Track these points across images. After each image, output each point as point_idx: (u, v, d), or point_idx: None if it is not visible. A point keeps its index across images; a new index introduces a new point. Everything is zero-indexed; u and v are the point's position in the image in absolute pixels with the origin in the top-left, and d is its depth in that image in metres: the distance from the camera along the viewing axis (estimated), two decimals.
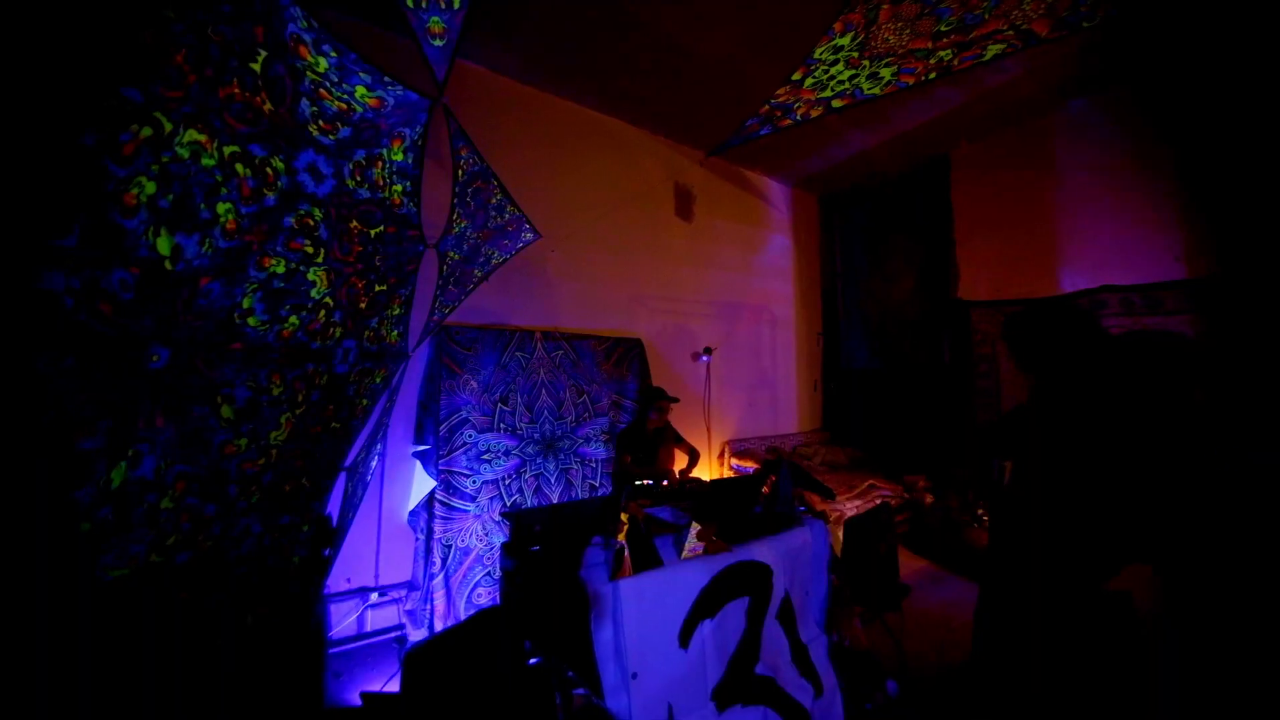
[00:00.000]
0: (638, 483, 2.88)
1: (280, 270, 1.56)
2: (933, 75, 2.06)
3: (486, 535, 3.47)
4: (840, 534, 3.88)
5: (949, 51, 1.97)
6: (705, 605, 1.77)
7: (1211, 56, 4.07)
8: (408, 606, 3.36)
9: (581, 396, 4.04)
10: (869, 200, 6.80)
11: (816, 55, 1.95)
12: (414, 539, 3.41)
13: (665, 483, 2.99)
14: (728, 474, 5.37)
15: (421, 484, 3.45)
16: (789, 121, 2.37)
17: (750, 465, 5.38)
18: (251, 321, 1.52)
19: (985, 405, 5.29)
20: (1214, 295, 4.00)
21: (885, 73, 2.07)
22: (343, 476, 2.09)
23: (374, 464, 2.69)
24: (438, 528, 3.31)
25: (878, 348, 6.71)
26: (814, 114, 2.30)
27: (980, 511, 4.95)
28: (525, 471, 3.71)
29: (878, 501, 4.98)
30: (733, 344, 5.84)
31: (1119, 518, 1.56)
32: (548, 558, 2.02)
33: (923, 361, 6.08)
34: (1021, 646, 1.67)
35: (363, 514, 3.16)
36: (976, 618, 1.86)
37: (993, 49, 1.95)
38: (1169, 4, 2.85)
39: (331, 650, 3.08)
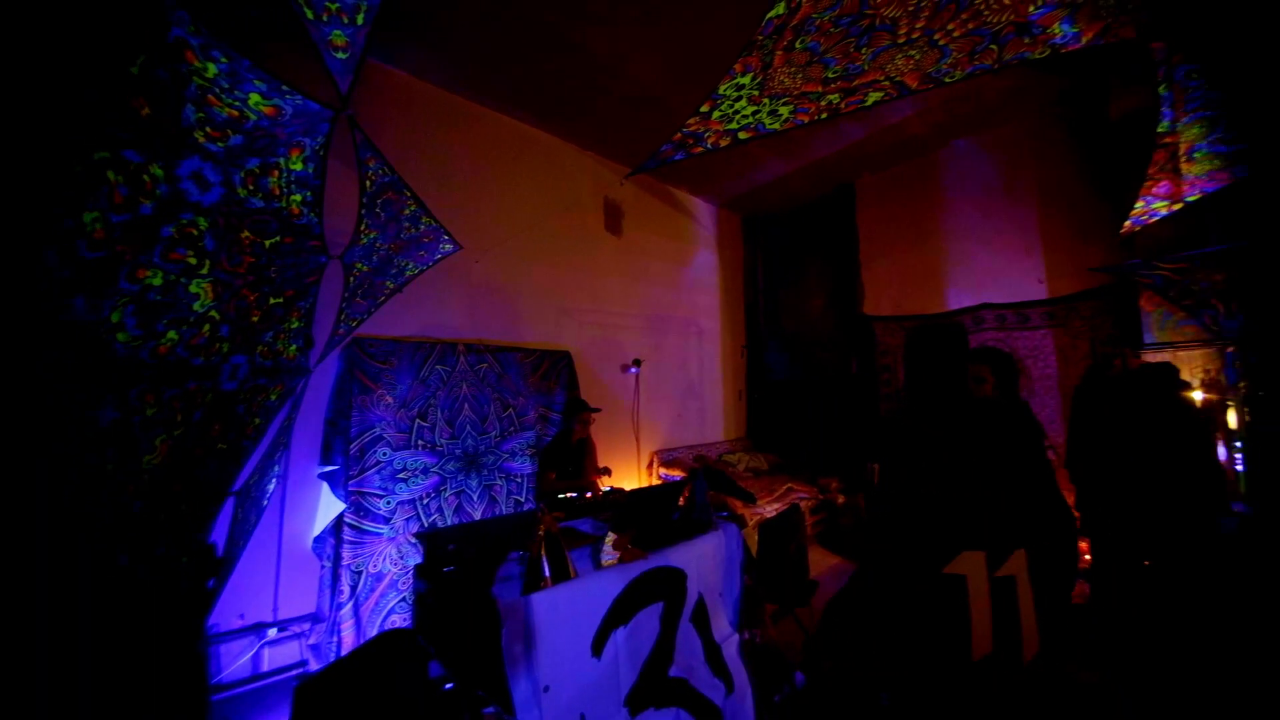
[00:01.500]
0: (560, 496, 2.89)
1: (157, 282, 1.45)
2: (824, 115, 2.28)
3: (401, 559, 3.32)
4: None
5: (837, 95, 2.18)
6: (619, 613, 1.81)
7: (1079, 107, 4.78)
8: (312, 640, 3.13)
9: (507, 410, 3.98)
10: (788, 222, 7.27)
11: (721, 91, 2.10)
12: (319, 567, 3.19)
13: (589, 495, 3.01)
14: (656, 484, 5.47)
15: (329, 507, 3.24)
16: (701, 149, 2.51)
17: (678, 474, 5.51)
18: (121, 337, 1.40)
19: (888, 411, 5.78)
20: (1068, 313, 4.67)
21: (784, 110, 2.26)
22: (231, 501, 1.94)
23: (271, 487, 2.51)
24: (346, 553, 3.12)
25: (796, 359, 7.13)
26: (722, 144, 2.45)
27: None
28: (445, 490, 3.58)
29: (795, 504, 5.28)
30: (661, 356, 5.99)
31: (960, 509, 1.81)
32: (461, 577, 1.98)
33: (834, 372, 6.54)
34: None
35: (259, 543, 2.93)
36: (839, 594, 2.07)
37: (873, 95, 2.19)
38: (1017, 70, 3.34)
39: (221, 695, 2.81)
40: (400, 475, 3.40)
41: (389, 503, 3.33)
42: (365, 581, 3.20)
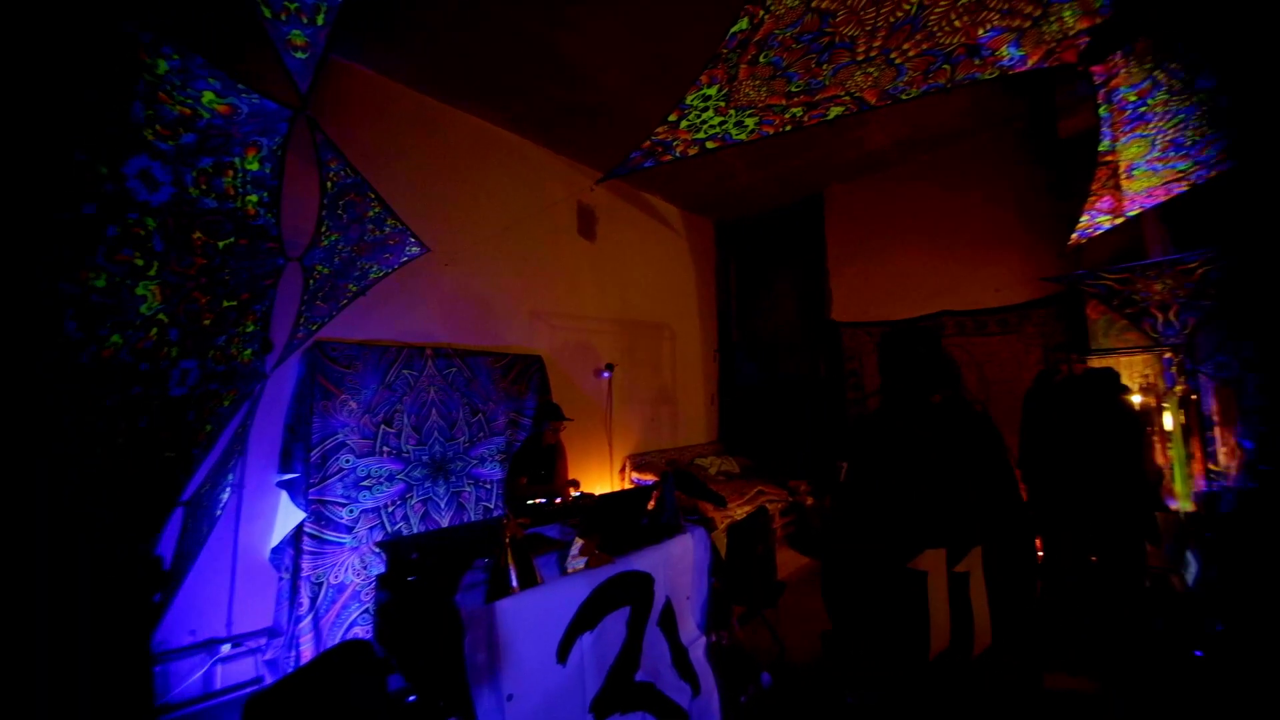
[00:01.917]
0: (530, 502, 2.86)
1: (100, 284, 1.39)
2: (788, 128, 2.34)
3: (365, 569, 3.23)
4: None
5: (800, 108, 2.25)
6: (585, 618, 1.81)
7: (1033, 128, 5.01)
8: (268, 656, 3.02)
9: (476, 415, 3.93)
10: (759, 228, 7.40)
11: (688, 101, 2.13)
12: (277, 579, 3.08)
13: (559, 501, 3.00)
14: (625, 488, 5.48)
15: (288, 517, 3.14)
16: (670, 157, 2.54)
17: (650, 479, 5.53)
18: (60, 341, 1.34)
19: (855, 415, 5.93)
20: (1022, 320, 4.89)
21: (749, 122, 2.31)
22: (180, 512, 1.86)
23: (225, 497, 2.41)
24: (306, 564, 3.02)
25: (766, 364, 7.25)
26: (691, 152, 2.49)
27: None
28: (411, 497, 3.51)
29: (766, 508, 5.36)
30: (635, 360, 6.01)
31: (928, 508, 1.87)
32: (424, 586, 1.95)
33: (804, 376, 6.68)
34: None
35: (212, 554, 2.82)
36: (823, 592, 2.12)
37: (834, 109, 2.26)
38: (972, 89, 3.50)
39: (170, 716, 2.68)
40: (364, 483, 3.31)
41: (352, 511, 3.24)
42: (326, 593, 3.10)
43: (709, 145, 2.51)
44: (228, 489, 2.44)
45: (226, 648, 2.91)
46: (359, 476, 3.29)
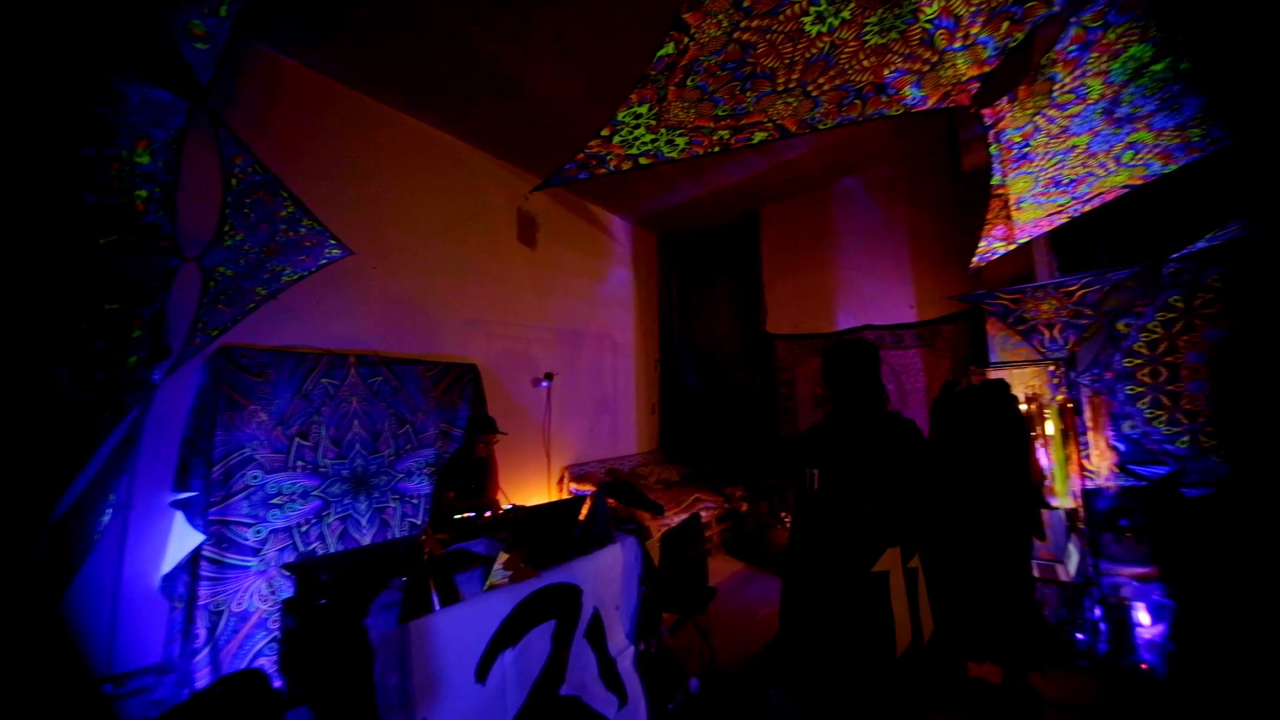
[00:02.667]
0: (457, 517, 2.77)
1: None
2: (716, 149, 2.43)
3: (273, 594, 2.99)
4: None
5: (727, 131, 2.35)
6: (507, 635, 1.77)
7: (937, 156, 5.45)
8: (157, 696, 2.72)
9: (404, 427, 3.76)
10: (700, 242, 7.60)
11: (620, 118, 2.17)
12: (169, 609, 2.79)
13: (488, 514, 2.92)
14: (558, 499, 5.42)
15: (184, 540, 2.86)
16: (604, 170, 2.58)
17: (590, 489, 5.50)
18: None
19: (786, 423, 6.18)
20: (934, 335, 5.30)
21: (680, 141, 2.39)
22: (44, 538, 1.65)
23: (105, 519, 2.17)
24: (204, 591, 2.76)
25: (706, 374, 7.43)
26: (624, 166, 2.54)
27: (783, 515, 5.72)
28: (329, 515, 3.29)
29: (702, 514, 5.46)
30: (575, 370, 5.97)
31: (889, 511, 1.99)
32: (334, 610, 1.83)
33: (740, 386, 6.90)
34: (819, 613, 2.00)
35: (89, 584, 2.52)
36: (783, 600, 2.17)
37: (759, 134, 2.38)
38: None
39: None
40: (274, 500, 3.08)
41: (259, 532, 3.00)
42: (227, 622, 2.84)
43: (642, 161, 2.57)
44: (108, 510, 2.19)
45: (108, 689, 2.60)
46: (268, 494, 3.06)
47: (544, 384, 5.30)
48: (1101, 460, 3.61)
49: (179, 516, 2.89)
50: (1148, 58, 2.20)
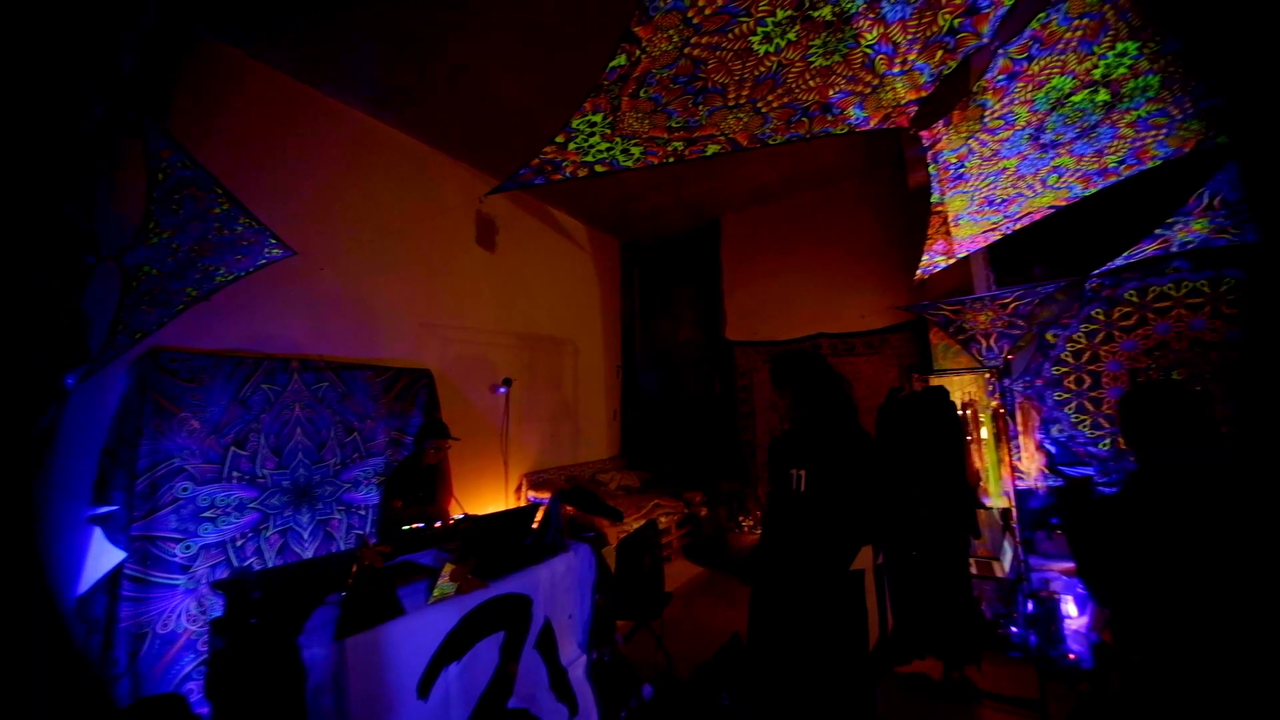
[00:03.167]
0: (406, 527, 2.68)
1: None
2: (671, 160, 2.47)
3: (204, 613, 2.81)
4: None
5: (680, 143, 2.39)
6: (451, 648, 1.73)
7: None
8: None
9: (351, 434, 3.61)
10: (663, 249, 7.68)
11: (574, 126, 2.18)
12: (83, 634, 2.57)
13: (439, 524, 2.83)
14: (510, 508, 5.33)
15: (102, 558, 2.65)
16: (560, 176, 2.57)
17: (548, 496, 5.43)
18: None
19: (745, 428, 6.30)
20: (882, 343, 5.53)
21: (635, 151, 2.41)
22: None
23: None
24: (125, 613, 2.56)
25: (668, 380, 7.49)
26: (580, 174, 2.54)
27: (741, 519, 5.81)
28: (267, 528, 3.12)
29: (662, 520, 5.48)
30: (535, 375, 5.90)
31: (862, 512, 2.05)
32: (266, 628, 1.74)
33: (700, 392, 6.99)
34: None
35: None
36: (757, 600, 2.19)
37: (712, 147, 2.43)
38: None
39: None
40: (206, 514, 2.90)
41: (189, 547, 2.81)
42: (151, 645, 2.65)
43: (598, 169, 2.58)
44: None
45: None
46: (200, 507, 2.87)
47: (502, 389, 5.21)
48: (1031, 462, 3.86)
49: (97, 533, 2.68)
50: (1068, 89, 2.38)
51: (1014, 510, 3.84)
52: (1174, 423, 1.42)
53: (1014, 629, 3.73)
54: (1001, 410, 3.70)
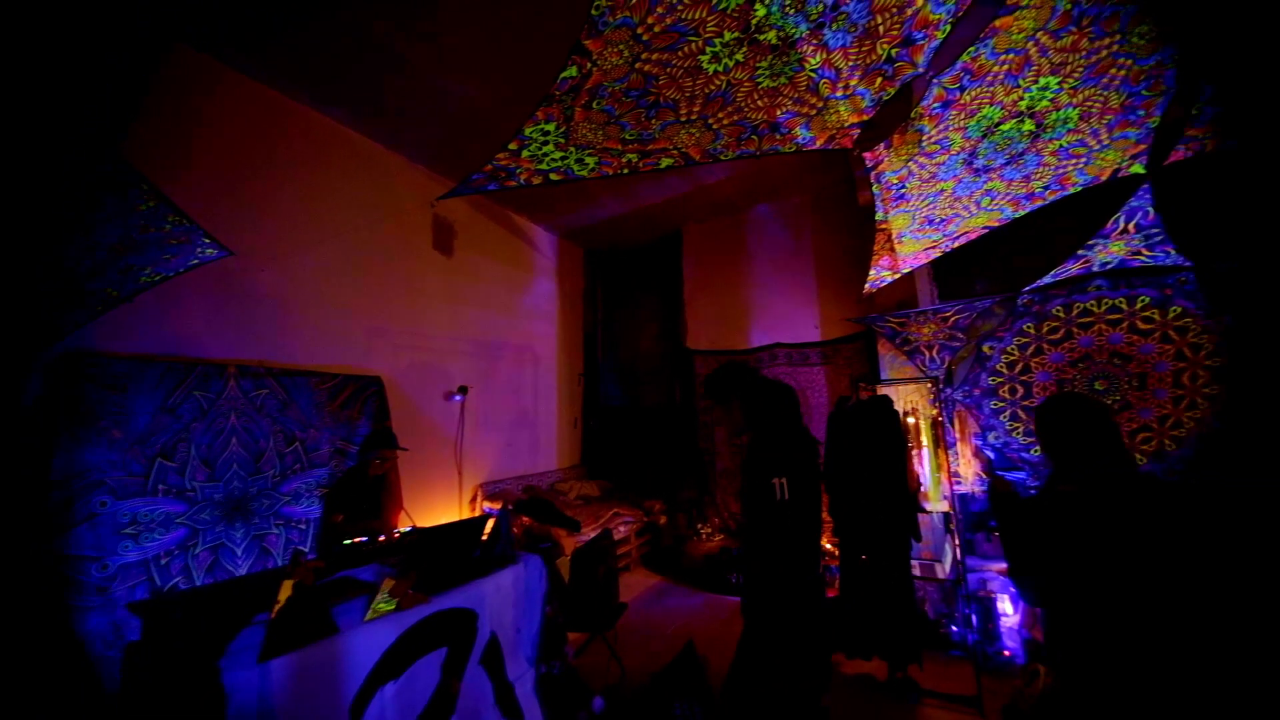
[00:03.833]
0: (347, 541, 2.57)
1: None
2: (626, 171, 2.50)
3: (120, 638, 2.61)
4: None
5: (635, 155, 2.42)
6: (388, 667, 1.67)
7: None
8: None
9: (292, 445, 3.44)
10: (626, 258, 7.72)
11: (527, 134, 2.17)
12: None
13: (383, 538, 2.73)
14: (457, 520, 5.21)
15: None
16: (514, 183, 2.56)
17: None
18: None
19: (705, 436, 6.37)
20: (835, 353, 5.72)
21: (590, 160, 2.43)
22: None
23: None
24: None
25: (628, 388, 7.50)
26: (535, 181, 2.54)
27: (699, 526, 5.85)
28: (196, 544, 2.93)
29: (621, 529, 5.46)
30: (492, 383, 5.80)
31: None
32: (186, 652, 1.63)
33: (662, 401, 7.03)
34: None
35: None
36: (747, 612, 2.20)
37: (665, 160, 2.47)
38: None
39: None
40: (127, 530, 2.70)
41: (105, 567, 2.61)
42: None
43: (553, 177, 2.58)
44: None
45: None
46: (120, 522, 2.68)
47: (457, 398, 5.09)
48: (968, 467, 4.06)
49: None
50: (997, 118, 2.55)
51: (954, 514, 4.03)
52: (1079, 434, 1.53)
53: (954, 628, 3.89)
54: (940, 419, 3.88)
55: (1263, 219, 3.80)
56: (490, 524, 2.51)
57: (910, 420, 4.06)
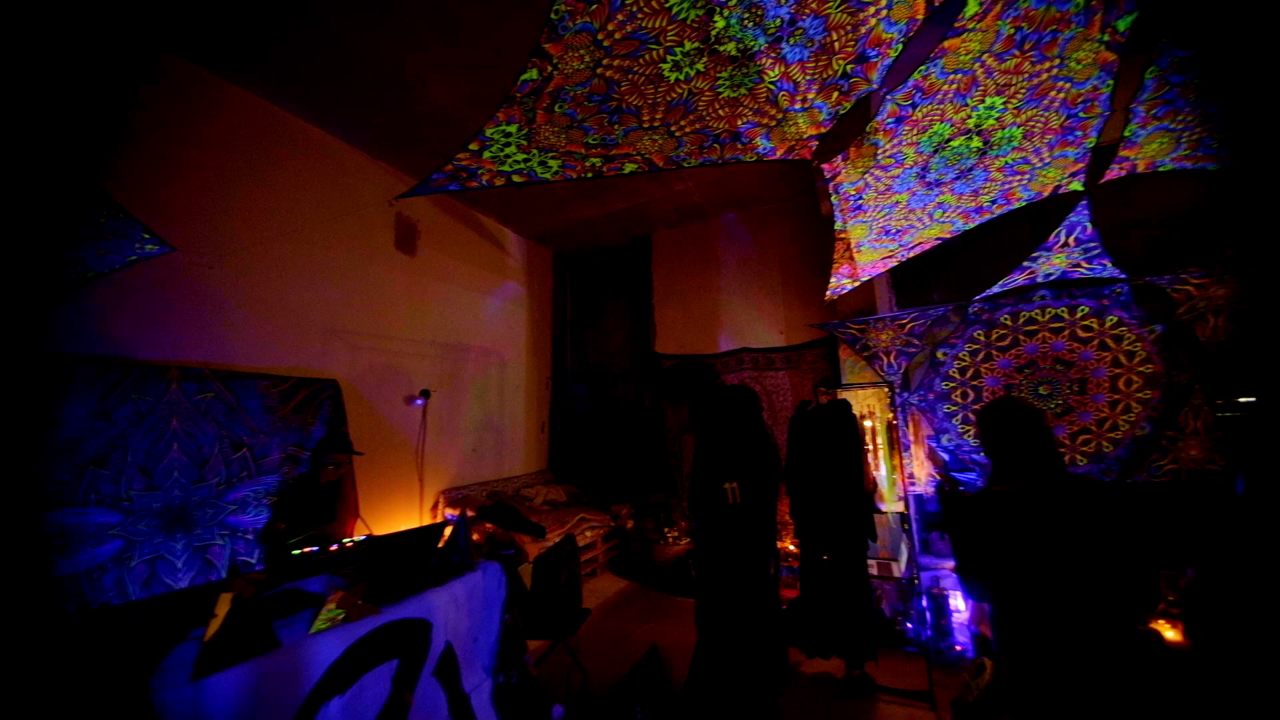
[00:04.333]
0: (296, 552, 2.47)
1: None
2: (589, 175, 2.50)
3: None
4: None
5: (598, 159, 2.42)
6: (334, 682, 1.61)
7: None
8: None
9: (240, 451, 3.28)
10: (596, 262, 7.70)
11: (488, 134, 2.15)
12: None
13: (334, 547, 2.63)
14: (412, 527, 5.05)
15: None
16: (475, 184, 2.52)
17: (470, 514, 5.22)
18: None
19: (672, 439, 6.40)
20: (799, 358, 5.85)
21: (554, 164, 2.42)
22: None
23: None
24: None
25: (597, 392, 7.48)
26: (498, 182, 2.51)
27: (666, 530, 5.87)
28: (130, 557, 2.76)
29: (587, 534, 5.43)
30: (457, 387, 5.68)
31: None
32: (113, 671, 1.54)
33: (630, 404, 7.04)
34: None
35: None
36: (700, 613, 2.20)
37: (629, 165, 2.49)
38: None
39: None
40: (55, 542, 2.52)
41: None
42: None
43: (515, 179, 2.56)
44: None
45: None
46: (47, 535, 2.50)
47: (418, 401, 4.97)
48: (921, 469, 4.20)
49: None
50: (947, 134, 2.66)
51: (909, 514, 4.16)
52: (1014, 437, 1.61)
53: (909, 625, 4.02)
54: (895, 422, 4.01)
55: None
56: (448, 531, 2.46)
57: (868, 423, 4.18)
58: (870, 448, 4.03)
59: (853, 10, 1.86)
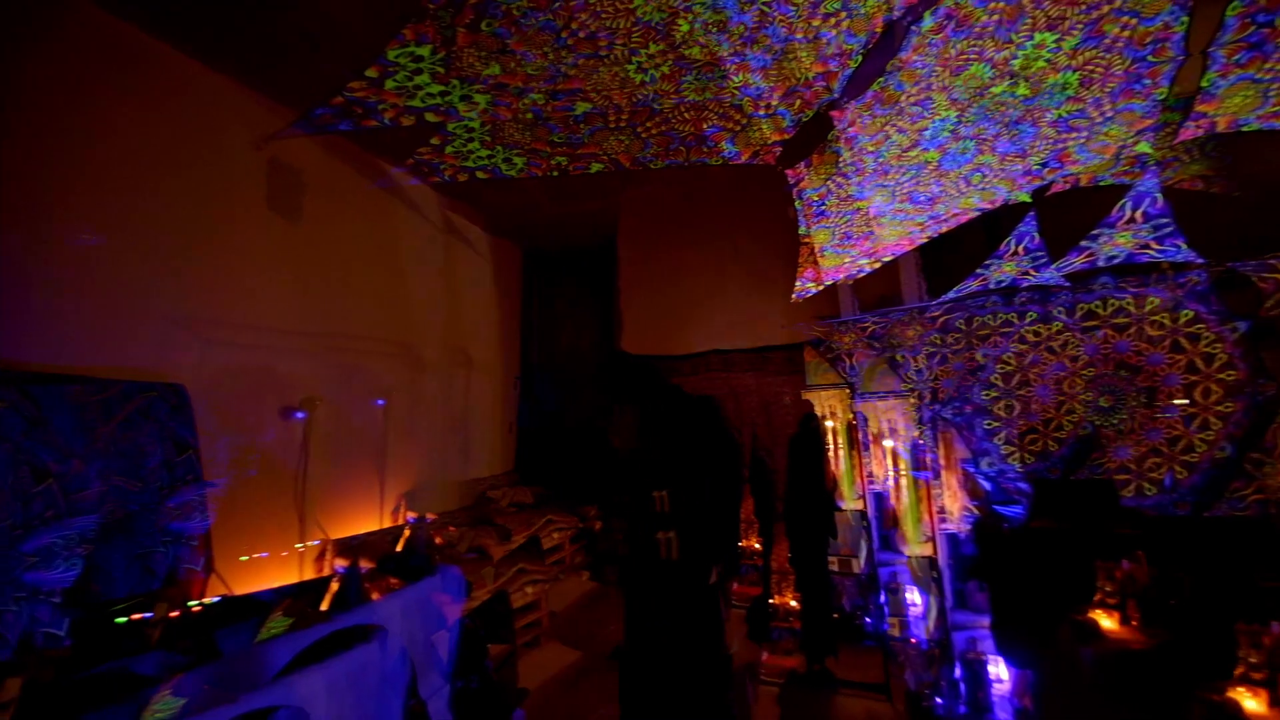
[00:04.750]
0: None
1: None
2: (555, 173, 2.48)
3: None
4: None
5: (564, 158, 2.41)
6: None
7: None
8: None
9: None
10: (566, 261, 7.61)
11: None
12: None
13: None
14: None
15: None
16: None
17: (432, 517, 5.08)
18: None
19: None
20: (766, 361, 5.94)
21: (519, 161, 2.39)
22: None
23: None
24: None
25: (567, 392, 7.41)
26: (461, 179, 2.46)
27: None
28: None
29: (554, 535, 5.38)
30: (418, 388, 5.50)
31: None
32: None
33: (599, 404, 7.00)
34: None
35: None
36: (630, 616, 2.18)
37: (595, 165, 2.48)
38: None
39: None
40: None
41: None
42: None
43: (479, 175, 2.52)
44: None
45: None
46: None
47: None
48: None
49: None
50: (906, 144, 2.75)
51: (869, 511, 4.26)
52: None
53: (868, 620, 4.13)
54: (854, 421, 4.12)
55: None
56: (405, 535, 2.39)
57: (829, 424, 4.28)
58: (830, 447, 4.13)
59: (814, 21, 1.89)
